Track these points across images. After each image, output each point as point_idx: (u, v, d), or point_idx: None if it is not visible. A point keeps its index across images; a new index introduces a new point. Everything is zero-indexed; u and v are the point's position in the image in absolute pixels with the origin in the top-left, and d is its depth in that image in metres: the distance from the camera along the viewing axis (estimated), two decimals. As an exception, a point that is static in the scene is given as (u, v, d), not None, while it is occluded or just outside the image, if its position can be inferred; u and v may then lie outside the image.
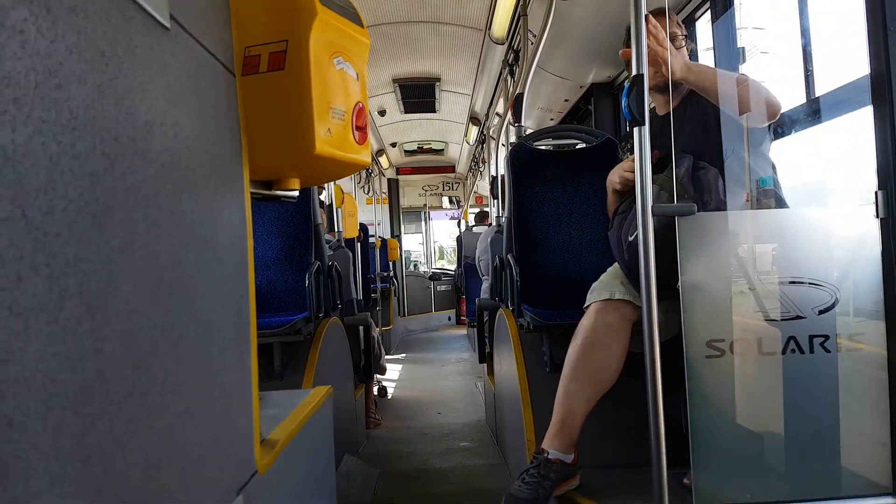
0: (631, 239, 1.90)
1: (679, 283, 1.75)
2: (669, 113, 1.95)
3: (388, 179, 9.89)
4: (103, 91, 0.54)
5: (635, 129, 1.60)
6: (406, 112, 6.64)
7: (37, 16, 0.46)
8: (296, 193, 1.05)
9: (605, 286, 2.07)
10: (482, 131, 6.85)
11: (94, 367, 0.49)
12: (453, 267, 10.05)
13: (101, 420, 0.49)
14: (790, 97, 2.53)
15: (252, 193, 0.98)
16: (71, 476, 0.45)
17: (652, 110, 2.08)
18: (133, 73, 0.60)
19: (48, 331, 0.44)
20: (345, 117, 0.97)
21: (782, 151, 2.73)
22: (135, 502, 0.53)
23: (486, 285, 5.21)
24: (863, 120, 1.91)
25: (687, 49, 2.03)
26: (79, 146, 0.50)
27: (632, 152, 1.67)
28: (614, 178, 2.06)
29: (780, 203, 2.09)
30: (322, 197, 3.86)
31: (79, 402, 0.47)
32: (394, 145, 8.30)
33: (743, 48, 2.90)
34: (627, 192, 1.99)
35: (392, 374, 5.74)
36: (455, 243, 9.32)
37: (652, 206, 1.61)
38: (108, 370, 0.51)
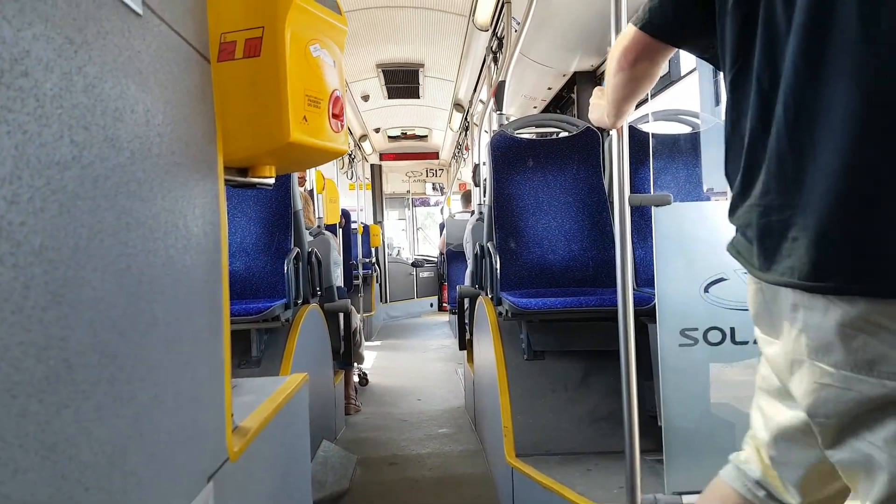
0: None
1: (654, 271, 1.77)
2: None
3: (371, 165, 9.85)
4: (72, 79, 0.54)
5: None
6: (390, 97, 6.60)
7: (2, 3, 0.45)
8: (271, 181, 1.05)
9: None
10: (466, 118, 6.83)
11: (60, 355, 0.49)
12: (436, 253, 10.06)
13: (66, 408, 0.50)
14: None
15: (226, 180, 0.97)
16: (35, 464, 0.45)
17: None
18: (103, 60, 0.60)
19: (13, 320, 0.44)
20: (321, 105, 0.96)
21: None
22: (100, 489, 0.54)
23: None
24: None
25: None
26: (45, 135, 0.49)
27: None
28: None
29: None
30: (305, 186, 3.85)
31: (44, 390, 0.47)
32: (377, 131, 8.26)
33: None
34: None
35: (373, 360, 5.75)
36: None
37: (629, 196, 1.61)
38: (74, 359, 0.51)
